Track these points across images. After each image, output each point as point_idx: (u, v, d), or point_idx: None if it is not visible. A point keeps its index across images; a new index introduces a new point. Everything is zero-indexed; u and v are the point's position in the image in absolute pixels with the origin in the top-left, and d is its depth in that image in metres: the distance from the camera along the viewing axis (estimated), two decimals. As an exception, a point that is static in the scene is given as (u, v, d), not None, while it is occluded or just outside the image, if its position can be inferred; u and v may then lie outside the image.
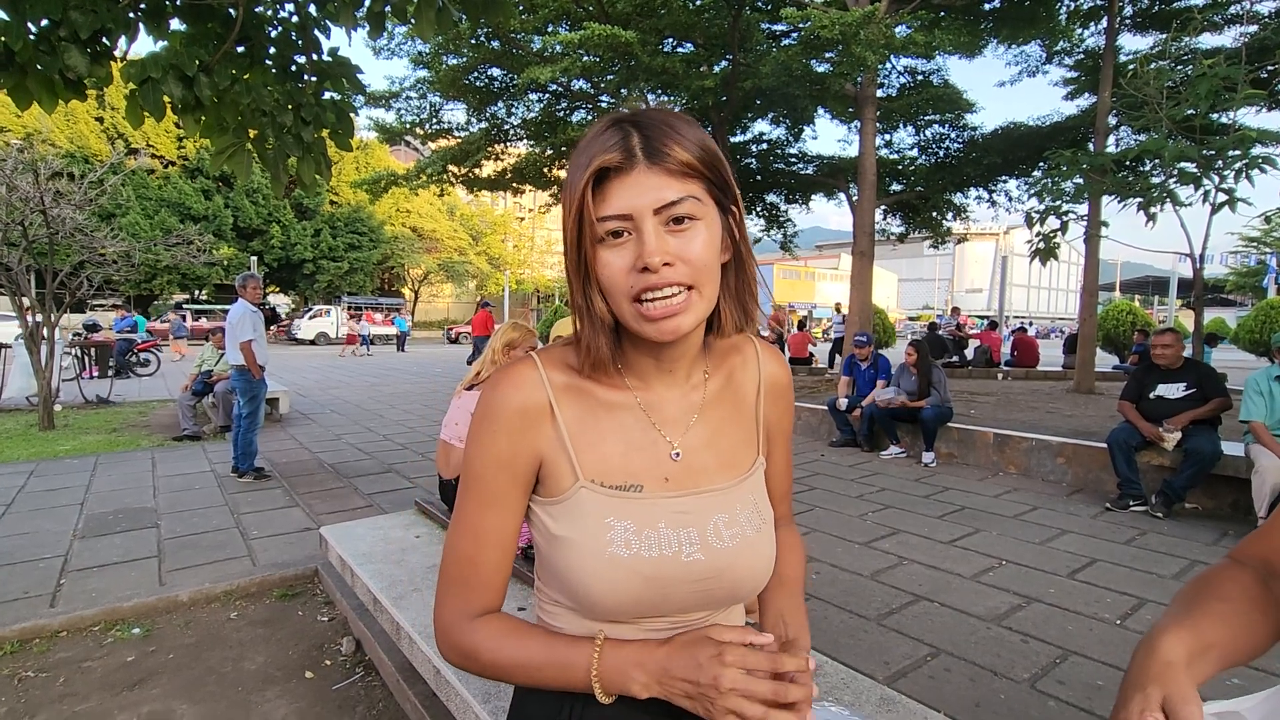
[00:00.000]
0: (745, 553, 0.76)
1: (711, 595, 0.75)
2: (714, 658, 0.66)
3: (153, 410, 9.18)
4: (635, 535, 0.72)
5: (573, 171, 0.68)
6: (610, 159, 0.65)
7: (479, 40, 10.00)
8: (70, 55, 2.45)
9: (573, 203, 0.67)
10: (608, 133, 0.67)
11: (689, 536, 0.73)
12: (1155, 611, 3.03)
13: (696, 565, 0.73)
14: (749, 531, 0.76)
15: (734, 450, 0.81)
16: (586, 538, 0.72)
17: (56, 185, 8.38)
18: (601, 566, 0.71)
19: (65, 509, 4.58)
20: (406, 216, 38.44)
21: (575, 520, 0.73)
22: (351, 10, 2.82)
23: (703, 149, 0.67)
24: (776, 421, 0.87)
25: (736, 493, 0.78)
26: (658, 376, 0.77)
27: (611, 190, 0.66)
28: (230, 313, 5.38)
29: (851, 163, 11.57)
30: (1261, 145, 5.25)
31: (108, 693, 2.40)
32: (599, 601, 0.72)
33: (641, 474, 0.75)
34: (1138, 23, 10.04)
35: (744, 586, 0.77)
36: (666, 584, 0.72)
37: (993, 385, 10.88)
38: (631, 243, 0.66)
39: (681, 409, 0.78)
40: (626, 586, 0.71)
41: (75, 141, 25.68)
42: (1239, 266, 34.15)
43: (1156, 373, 4.74)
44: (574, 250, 0.69)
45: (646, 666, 0.69)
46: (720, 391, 0.82)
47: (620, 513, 0.73)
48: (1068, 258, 53.85)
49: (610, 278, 0.67)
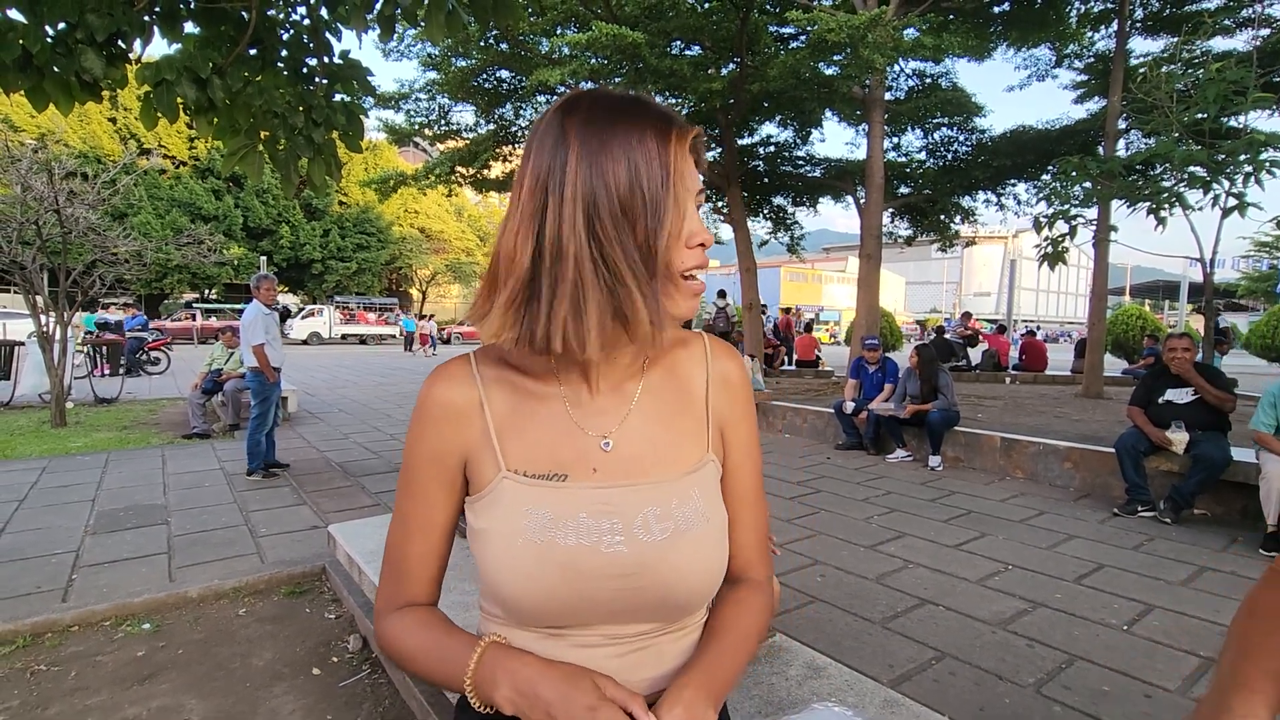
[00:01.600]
0: (678, 548, 0.69)
1: (641, 596, 0.69)
2: (587, 708, 0.62)
3: (163, 408, 9.26)
4: (552, 522, 0.68)
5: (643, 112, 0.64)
6: (690, 129, 0.64)
7: (488, 42, 10.04)
8: (86, 57, 2.48)
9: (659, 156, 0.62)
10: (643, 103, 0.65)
11: (612, 526, 0.69)
12: (1162, 618, 3.01)
13: (618, 558, 0.68)
14: (685, 527, 0.70)
15: (675, 443, 0.75)
16: (502, 526, 0.69)
17: (70, 185, 8.47)
18: (515, 555, 0.68)
19: (77, 505, 4.63)
20: (414, 217, 38.64)
21: (494, 511, 0.70)
22: (362, 13, 2.85)
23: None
24: (732, 422, 0.79)
25: (675, 487, 0.72)
26: (589, 366, 0.73)
27: (699, 157, 0.66)
28: (244, 314, 5.40)
29: (859, 165, 11.56)
30: (1272, 149, 5.22)
31: (118, 687, 2.43)
32: (512, 595, 0.68)
33: (568, 464, 0.71)
34: (1148, 26, 9.99)
35: (676, 590, 0.70)
36: (585, 576, 0.67)
37: (1000, 389, 10.84)
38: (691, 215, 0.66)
39: (614, 399, 0.74)
40: (540, 576, 0.67)
41: (88, 142, 25.96)
42: (1250, 271, 33.86)
43: (1165, 378, 4.71)
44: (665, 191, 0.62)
45: (516, 677, 0.65)
46: (661, 382, 0.77)
47: (539, 501, 0.69)
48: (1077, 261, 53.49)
49: (682, 247, 0.65)
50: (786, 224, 14.46)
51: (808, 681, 1.78)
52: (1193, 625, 2.94)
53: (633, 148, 0.61)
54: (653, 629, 0.72)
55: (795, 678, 1.80)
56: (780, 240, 14.79)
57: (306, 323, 28.94)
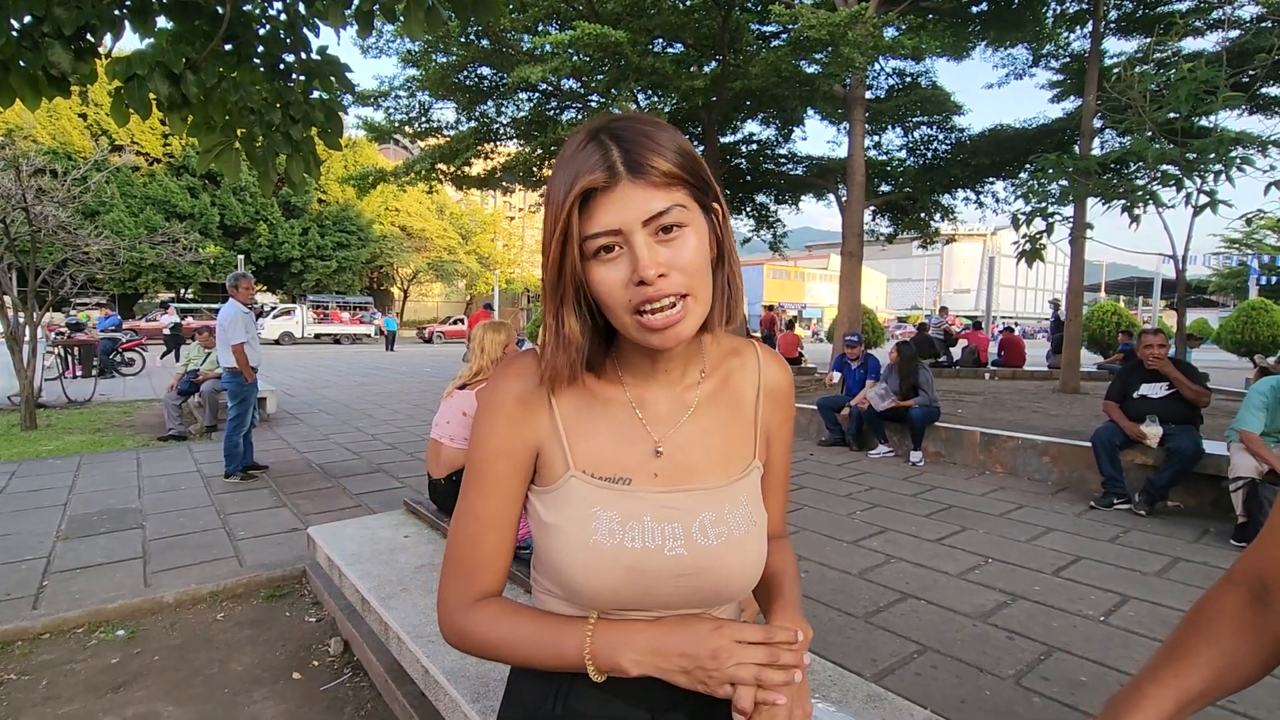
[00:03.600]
0: (731, 552, 0.76)
1: (697, 592, 0.76)
2: (713, 630, 0.69)
3: (138, 410, 9.09)
4: (620, 526, 0.73)
5: (554, 189, 0.68)
6: (594, 179, 0.65)
7: (468, 39, 9.96)
8: (54, 52, 2.42)
9: (558, 222, 0.67)
10: (587, 149, 0.67)
11: (673, 531, 0.74)
12: (1138, 608, 3.07)
13: (679, 560, 0.74)
14: (736, 531, 0.77)
15: (727, 451, 0.80)
16: (573, 525, 0.74)
17: (39, 182, 8.27)
18: (584, 554, 0.73)
19: (48, 510, 4.53)
20: (395, 215, 38.24)
21: (564, 508, 0.75)
22: (340, 9, 2.80)
23: (681, 154, 0.68)
24: (776, 428, 0.86)
25: (727, 493, 0.78)
26: (653, 375, 0.78)
27: (598, 208, 0.66)
28: (221, 313, 5.31)
29: (840, 164, 11.64)
30: (1241, 147, 5.33)
31: (92, 695, 2.38)
32: (580, 589, 0.73)
33: (631, 468, 0.76)
34: (1122, 27, 10.16)
35: (730, 586, 0.77)
36: (648, 576, 0.73)
37: (980, 385, 10.97)
38: (623, 257, 0.67)
39: (673, 407, 0.79)
40: (607, 575, 0.72)
41: (58, 138, 25.35)
42: (1221, 268, 34.62)
43: (1140, 373, 4.80)
44: (554, 268, 0.69)
45: (638, 643, 0.71)
46: (715, 392, 0.82)
47: (607, 503, 0.74)
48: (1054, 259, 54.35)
49: (608, 293, 0.67)
50: (769, 222, 14.54)
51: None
52: (1167, 615, 3.00)
53: (556, 215, 0.67)
54: (700, 610, 0.78)
55: (779, 674, 1.80)
56: (763, 238, 14.86)
57: (278, 322, 28.17)
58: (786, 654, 0.69)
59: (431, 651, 1.91)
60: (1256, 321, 15.25)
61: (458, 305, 46.35)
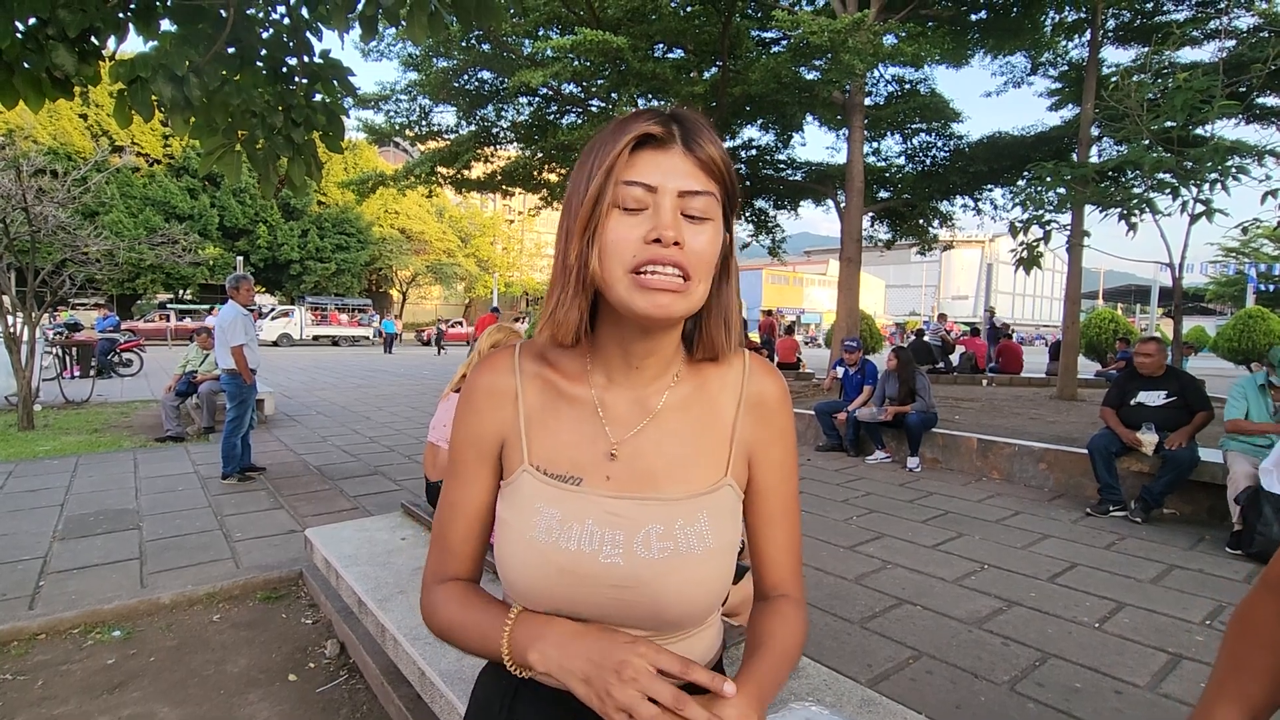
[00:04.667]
0: (673, 570, 0.71)
1: (632, 607, 0.71)
2: (628, 644, 0.66)
3: (135, 411, 9.08)
4: (559, 525, 0.72)
5: (607, 136, 0.69)
6: (655, 130, 0.67)
7: (470, 43, 9.99)
8: (58, 54, 2.43)
9: (604, 160, 0.67)
10: (649, 112, 0.68)
11: (613, 538, 0.71)
12: (1133, 615, 3.08)
13: (613, 569, 0.70)
14: (684, 549, 0.71)
15: (690, 463, 0.75)
16: (517, 520, 0.73)
17: (39, 182, 8.28)
18: (522, 549, 0.72)
19: (44, 510, 4.52)
20: (395, 218, 38.26)
21: (513, 502, 0.75)
22: (343, 13, 2.82)
23: (726, 159, 0.70)
24: (762, 446, 0.79)
25: (683, 507, 0.73)
26: (623, 372, 0.76)
27: (645, 160, 0.67)
28: (220, 315, 5.32)
29: (840, 170, 11.67)
30: (1238, 156, 5.36)
31: (87, 696, 2.38)
32: (515, 584, 0.73)
33: (584, 468, 0.74)
34: (1120, 36, 10.22)
35: (669, 607, 0.71)
36: (580, 580, 0.71)
37: (977, 391, 10.99)
38: (645, 216, 0.66)
39: (635, 410, 0.76)
40: (539, 574, 0.71)
41: (58, 138, 25.37)
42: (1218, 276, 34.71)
43: (1138, 380, 4.82)
44: (588, 206, 0.67)
45: (548, 638, 0.69)
46: (686, 398, 0.78)
47: (551, 500, 0.73)
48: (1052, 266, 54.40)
49: (615, 242, 0.66)
50: (768, 227, 14.57)
51: (786, 681, 1.79)
52: (1162, 622, 3.01)
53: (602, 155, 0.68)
54: (646, 634, 0.73)
55: (775, 678, 1.81)
56: (762, 243, 14.89)
57: (276, 324, 28.23)
58: (693, 708, 0.62)
59: (428, 654, 1.91)
60: (1253, 329, 15.32)
61: (456, 308, 46.34)
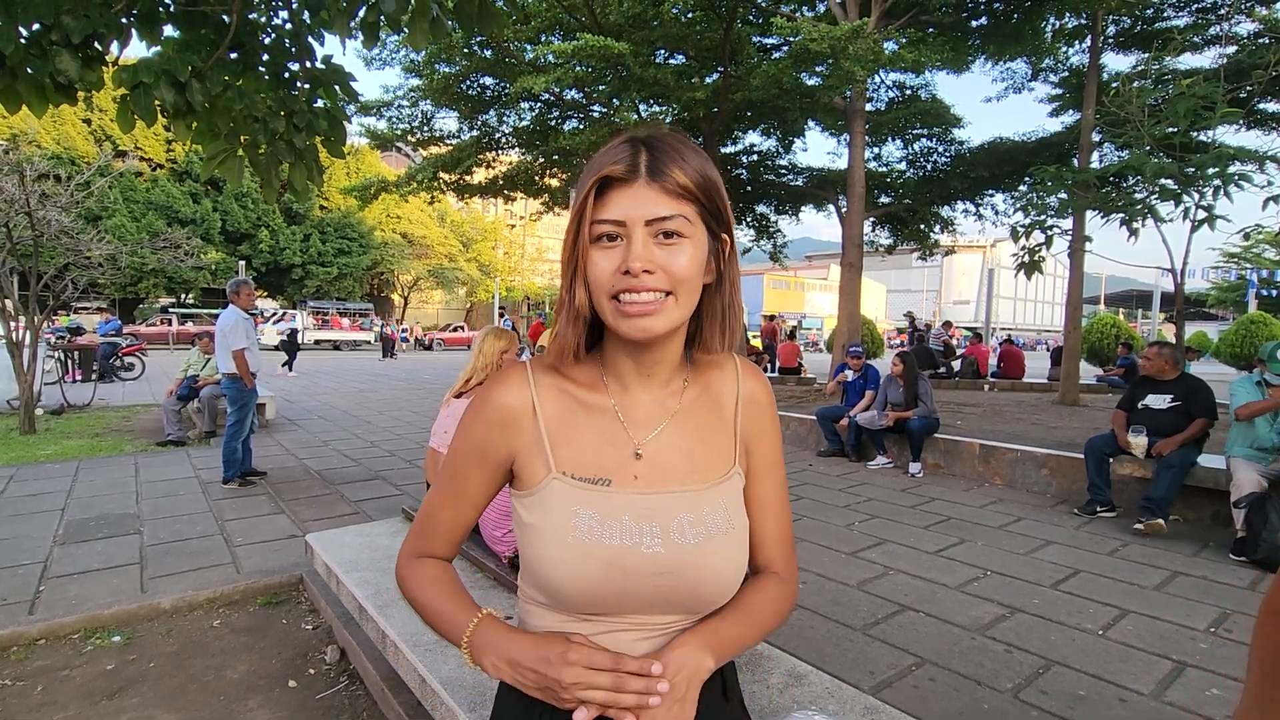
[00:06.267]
0: (708, 552, 0.78)
1: (675, 592, 0.78)
2: (560, 654, 0.73)
3: (137, 415, 9.08)
4: (599, 524, 0.76)
5: (583, 177, 0.75)
6: (615, 170, 0.72)
7: (471, 49, 10.02)
8: (62, 59, 2.44)
9: (576, 203, 0.74)
10: (620, 147, 0.74)
11: (651, 530, 0.77)
12: (1136, 622, 3.06)
13: (657, 558, 0.76)
14: (714, 532, 0.79)
15: (706, 456, 0.84)
16: (553, 525, 0.77)
17: (42, 187, 8.31)
18: (564, 550, 0.76)
19: (45, 514, 4.52)
20: (396, 222, 38.33)
21: (544, 509, 0.79)
22: (345, 19, 2.83)
23: (703, 176, 0.74)
24: (756, 436, 0.88)
25: (705, 496, 0.81)
26: (636, 380, 0.82)
27: (612, 198, 0.72)
28: (221, 319, 5.31)
29: (841, 175, 11.69)
30: (1239, 163, 5.36)
31: (87, 701, 2.37)
32: (559, 586, 0.76)
33: (611, 470, 0.80)
34: (1120, 42, 10.23)
35: (707, 588, 0.79)
36: (626, 573, 0.76)
37: (979, 396, 10.97)
38: (621, 248, 0.72)
39: (654, 412, 0.83)
40: (586, 571, 0.75)
41: (62, 143, 25.45)
42: (1220, 281, 34.67)
43: (1149, 384, 4.83)
44: (570, 247, 0.75)
45: (502, 649, 0.76)
46: (696, 400, 0.86)
47: (587, 503, 0.77)
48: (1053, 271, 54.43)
49: (596, 275, 0.73)
50: (769, 232, 14.59)
51: (789, 689, 1.78)
52: (1166, 629, 3.00)
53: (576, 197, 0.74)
54: (677, 620, 0.80)
55: (776, 685, 1.80)
56: (763, 248, 14.91)
57: (278, 328, 28.33)
58: (633, 681, 0.71)
59: (428, 660, 1.91)
60: (1255, 335, 15.30)
61: (458, 312, 46.39)
